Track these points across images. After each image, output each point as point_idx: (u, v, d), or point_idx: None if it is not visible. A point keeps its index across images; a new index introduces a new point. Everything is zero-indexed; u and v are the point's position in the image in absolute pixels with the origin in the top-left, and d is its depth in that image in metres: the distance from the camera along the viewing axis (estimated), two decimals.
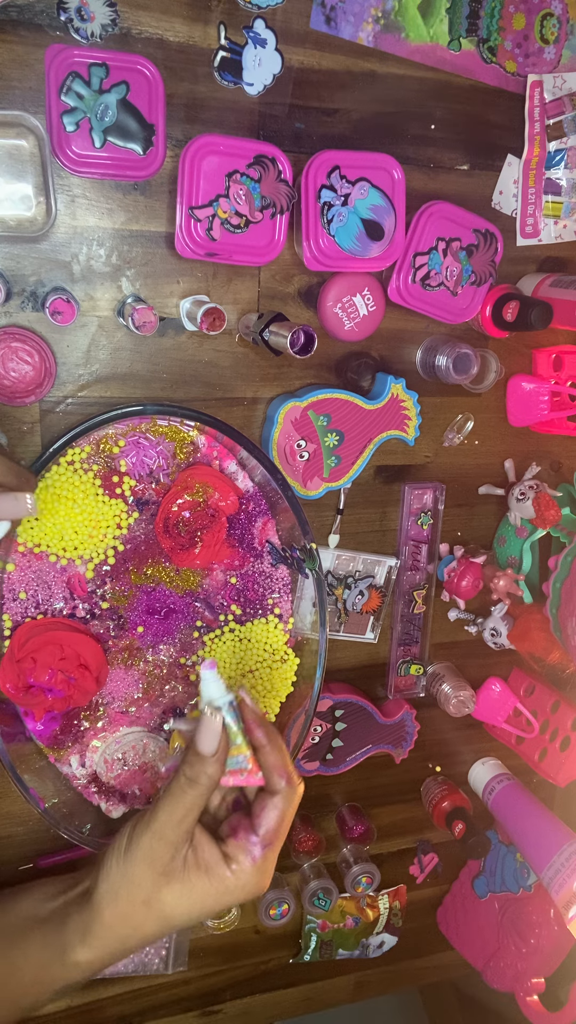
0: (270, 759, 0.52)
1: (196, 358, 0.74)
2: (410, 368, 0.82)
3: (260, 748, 0.52)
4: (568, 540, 0.84)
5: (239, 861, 0.50)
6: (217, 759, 0.50)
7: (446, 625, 0.92)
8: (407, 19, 0.72)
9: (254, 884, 0.51)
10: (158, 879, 0.49)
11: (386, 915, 1.02)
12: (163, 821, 0.49)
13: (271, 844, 0.51)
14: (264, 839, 0.51)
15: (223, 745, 0.50)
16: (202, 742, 0.49)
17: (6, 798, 0.78)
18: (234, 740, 0.51)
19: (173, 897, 0.50)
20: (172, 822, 0.49)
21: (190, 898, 0.50)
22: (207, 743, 0.49)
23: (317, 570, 0.73)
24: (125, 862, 0.50)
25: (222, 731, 0.50)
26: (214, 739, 0.49)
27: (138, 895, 0.49)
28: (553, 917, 0.95)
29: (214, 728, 0.50)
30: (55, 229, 0.67)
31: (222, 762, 0.50)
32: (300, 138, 0.72)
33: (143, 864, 0.49)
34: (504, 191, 0.80)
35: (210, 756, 0.49)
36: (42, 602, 0.71)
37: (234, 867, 0.50)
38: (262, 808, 0.52)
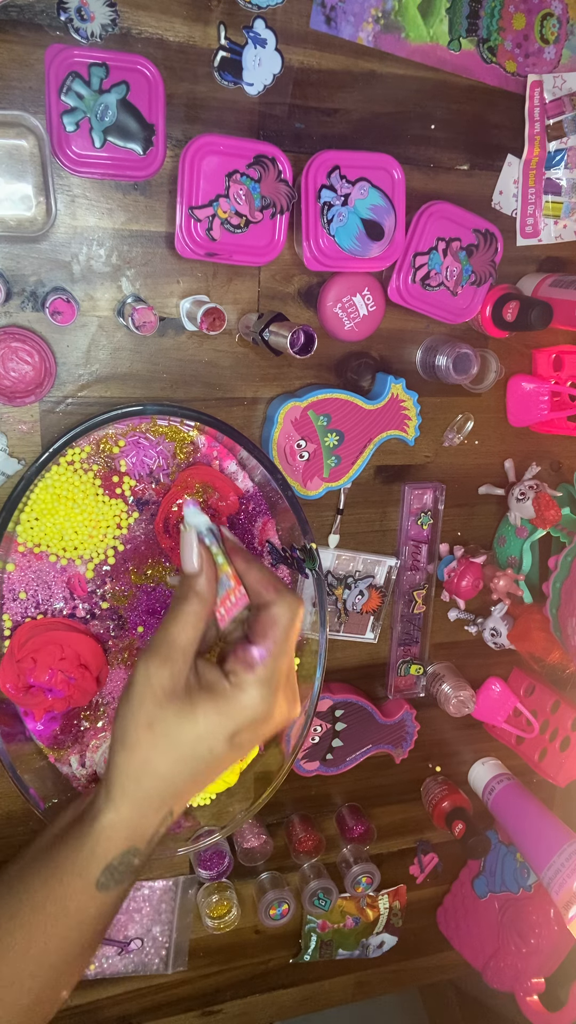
0: (253, 577, 0.51)
1: (196, 358, 0.74)
2: (410, 368, 0.82)
3: (243, 572, 0.51)
4: (568, 540, 0.84)
5: (236, 673, 0.49)
6: (204, 576, 0.50)
7: (446, 625, 0.92)
8: (407, 19, 0.72)
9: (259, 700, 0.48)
10: (158, 700, 0.47)
11: (386, 915, 1.02)
12: (158, 642, 0.48)
13: (270, 652, 0.49)
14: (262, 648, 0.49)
15: (207, 562, 0.50)
16: (185, 561, 0.50)
17: (6, 798, 0.78)
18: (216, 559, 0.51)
19: (175, 716, 0.47)
20: (166, 640, 0.48)
21: (193, 718, 0.47)
22: (188, 559, 0.50)
23: (317, 570, 0.73)
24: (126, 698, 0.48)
25: (201, 546, 0.50)
26: (192, 553, 0.50)
27: (141, 719, 0.48)
28: (553, 917, 0.95)
29: (190, 542, 0.50)
30: (55, 229, 0.67)
31: (211, 580, 0.50)
32: (300, 138, 0.72)
33: (140, 687, 0.48)
34: (504, 191, 0.80)
35: (194, 572, 0.50)
36: (42, 602, 0.71)
37: (232, 679, 0.48)
38: (256, 622, 0.51)
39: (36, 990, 0.50)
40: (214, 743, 0.48)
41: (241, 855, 0.88)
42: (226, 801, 0.80)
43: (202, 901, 0.89)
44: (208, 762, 0.49)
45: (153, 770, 0.49)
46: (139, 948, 0.91)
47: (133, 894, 0.88)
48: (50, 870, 0.50)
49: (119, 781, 0.49)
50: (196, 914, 0.91)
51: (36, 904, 0.50)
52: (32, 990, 0.50)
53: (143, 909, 0.89)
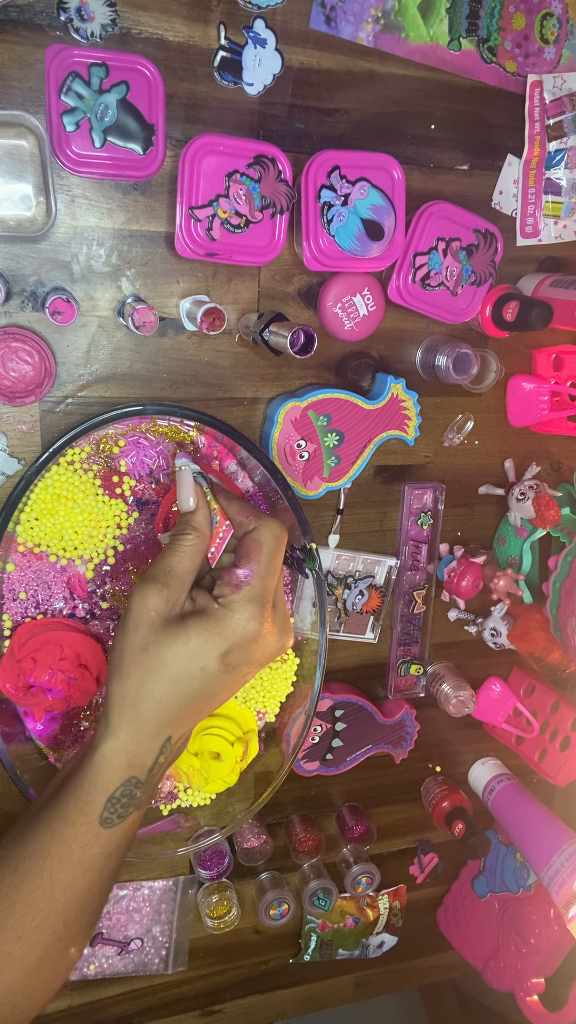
0: (235, 508, 0.55)
1: (196, 358, 0.74)
2: (410, 368, 0.82)
3: (225, 507, 0.56)
4: (568, 540, 0.84)
5: (224, 593, 0.50)
6: (202, 513, 0.54)
7: (446, 625, 0.92)
8: (407, 19, 0.72)
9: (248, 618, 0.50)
10: (152, 624, 0.49)
11: (386, 915, 1.02)
12: (154, 570, 0.50)
13: (255, 572, 0.51)
14: (244, 568, 0.51)
15: (202, 499, 0.54)
16: (182, 500, 0.54)
17: (6, 798, 0.78)
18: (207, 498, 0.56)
19: (168, 638, 0.48)
20: (162, 569, 0.50)
21: (186, 638, 0.49)
22: (185, 498, 0.54)
23: (317, 570, 0.73)
24: (122, 625, 0.50)
25: (196, 486, 0.55)
26: (190, 491, 0.54)
27: (136, 643, 0.49)
28: (553, 917, 0.95)
29: (188, 480, 0.54)
30: (55, 229, 0.67)
31: (206, 516, 0.54)
32: (300, 138, 0.72)
33: (136, 613, 0.49)
34: (504, 191, 0.80)
35: (191, 509, 0.54)
36: (42, 602, 0.71)
37: (221, 600, 0.50)
38: (241, 546, 0.54)
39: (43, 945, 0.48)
40: (206, 661, 0.49)
41: (241, 855, 0.88)
42: (226, 801, 0.80)
43: (202, 901, 0.89)
44: (202, 682, 0.49)
45: (148, 693, 0.49)
46: (139, 948, 0.91)
47: (133, 894, 0.88)
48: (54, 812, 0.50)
49: (116, 708, 0.49)
50: (196, 914, 0.91)
51: (41, 849, 0.49)
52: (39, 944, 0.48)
53: (143, 909, 0.89)
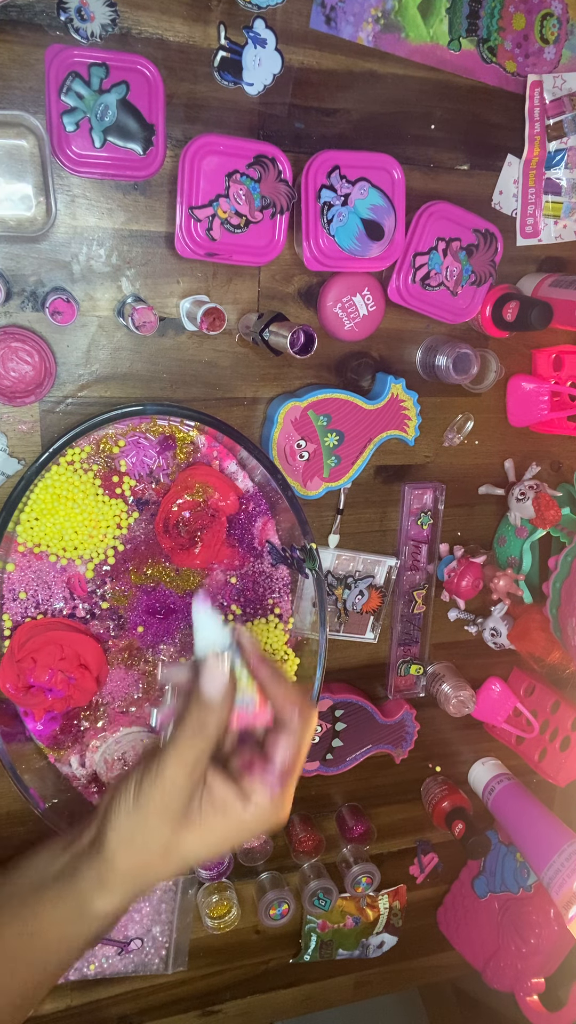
0: (277, 693, 0.49)
1: (196, 358, 0.74)
2: (410, 368, 0.82)
3: (265, 685, 0.49)
4: (568, 540, 0.84)
5: (253, 799, 0.48)
6: (225, 704, 0.47)
7: (446, 625, 0.92)
8: (407, 19, 0.72)
9: (272, 817, 0.49)
10: (176, 827, 0.47)
11: (386, 915, 1.02)
12: (174, 772, 0.47)
13: (289, 775, 0.49)
14: (281, 772, 0.49)
15: (230, 688, 0.48)
16: (209, 689, 0.47)
17: (6, 798, 0.78)
18: (239, 680, 0.48)
19: (192, 840, 0.48)
20: (183, 772, 0.47)
21: (209, 839, 0.48)
22: (215, 689, 0.47)
23: (317, 570, 0.73)
24: (136, 813, 0.48)
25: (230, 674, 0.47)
26: (222, 684, 0.47)
27: (156, 845, 0.48)
28: (553, 917, 0.95)
29: (222, 673, 0.47)
30: (55, 229, 0.67)
31: (229, 706, 0.48)
32: (300, 138, 0.72)
33: (157, 816, 0.47)
34: (504, 191, 0.80)
35: (217, 702, 0.47)
36: (42, 602, 0.71)
37: (251, 804, 0.48)
38: (276, 741, 0.49)
39: None
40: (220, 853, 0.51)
41: (241, 855, 0.88)
42: None
43: (202, 901, 0.89)
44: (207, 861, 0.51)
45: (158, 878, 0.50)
46: (139, 948, 0.91)
47: None
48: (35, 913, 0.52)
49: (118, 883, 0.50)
50: (196, 914, 0.91)
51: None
52: None
53: (143, 909, 0.89)
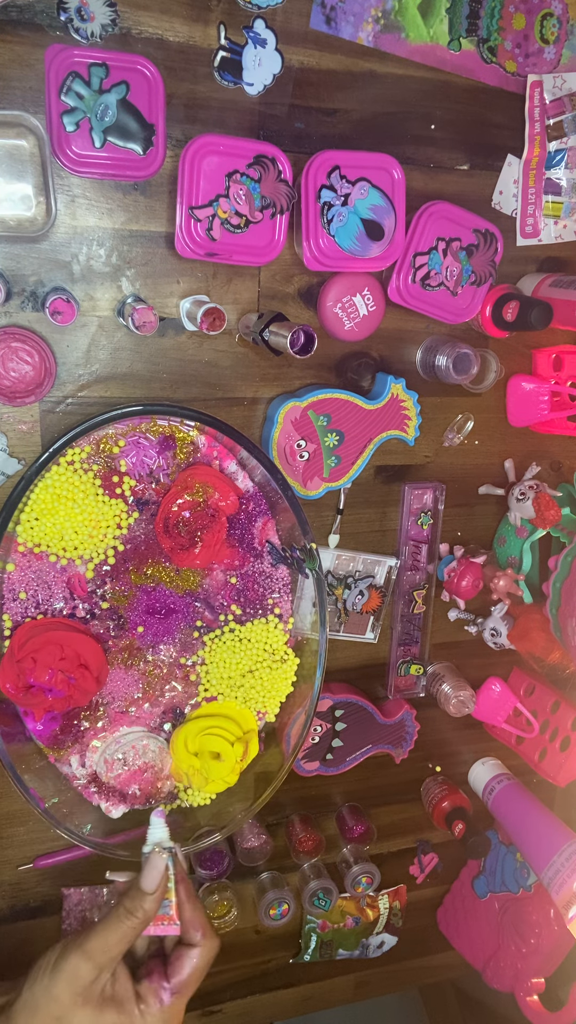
0: (189, 913, 0.56)
1: (196, 358, 0.74)
2: (410, 368, 0.82)
3: (181, 903, 0.56)
4: (568, 540, 0.84)
5: (148, 1003, 0.53)
6: (155, 897, 0.54)
7: (446, 625, 0.92)
8: (407, 19, 0.72)
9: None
10: (75, 999, 0.51)
11: (386, 915, 1.02)
12: (95, 944, 0.52)
13: (180, 992, 0.54)
14: (174, 987, 0.54)
15: (163, 886, 0.55)
16: (147, 879, 0.54)
17: (6, 798, 0.78)
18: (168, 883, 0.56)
19: (83, 1020, 0.51)
20: (102, 947, 0.52)
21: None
22: (151, 881, 0.54)
23: (317, 570, 0.73)
24: (50, 977, 0.51)
25: (165, 872, 0.55)
26: (158, 877, 0.54)
27: (54, 1010, 0.51)
28: (553, 917, 0.95)
29: (159, 867, 0.55)
30: (55, 229, 0.67)
31: (159, 901, 0.55)
32: (300, 138, 0.72)
33: (65, 982, 0.51)
34: (504, 191, 0.80)
35: (151, 893, 0.54)
36: (42, 602, 0.71)
37: (142, 1007, 0.53)
38: (178, 957, 0.55)
39: None
40: None
41: (241, 855, 0.88)
42: (226, 801, 0.80)
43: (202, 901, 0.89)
44: None
45: None
46: None
47: None
48: None
49: None
50: None
51: None
52: None
53: None
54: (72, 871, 0.83)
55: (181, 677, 0.77)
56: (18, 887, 0.82)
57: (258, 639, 0.77)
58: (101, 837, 0.74)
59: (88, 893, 0.84)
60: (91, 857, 0.82)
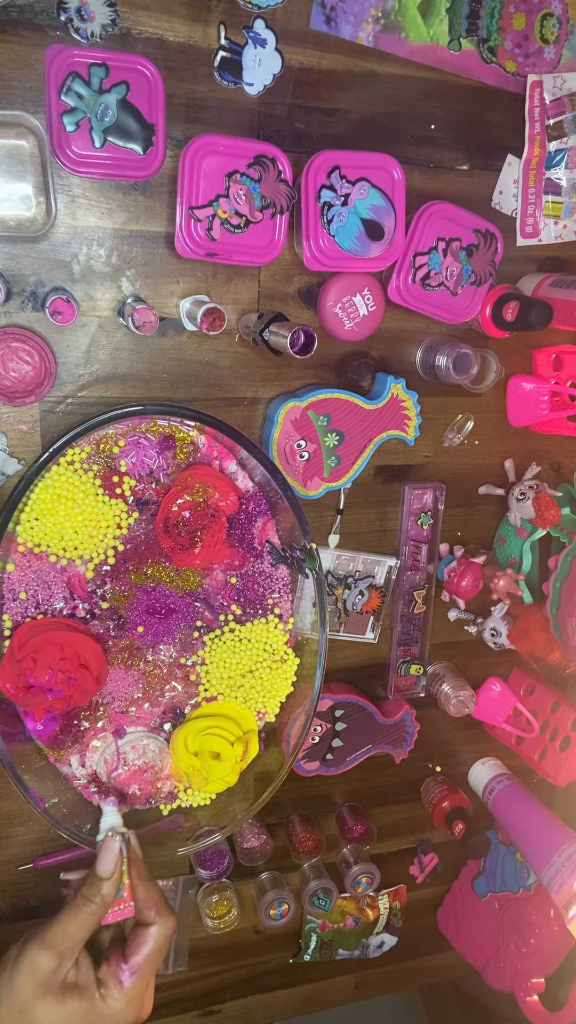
0: (143, 893, 0.57)
1: (196, 358, 0.74)
2: (410, 368, 0.82)
3: (135, 884, 0.57)
4: (568, 540, 0.84)
5: (108, 986, 0.53)
6: (112, 882, 0.55)
7: (446, 625, 0.92)
8: (407, 19, 0.72)
9: (126, 1010, 0.54)
10: (36, 989, 0.51)
11: (386, 915, 1.02)
12: (53, 934, 0.52)
13: (139, 971, 0.55)
14: (132, 966, 0.54)
15: (118, 869, 0.56)
16: (102, 864, 0.56)
17: (6, 798, 0.78)
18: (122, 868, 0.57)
19: (46, 1010, 0.51)
20: (61, 935, 0.52)
21: (62, 1015, 0.52)
22: (106, 865, 0.56)
23: (317, 570, 0.73)
24: (10, 971, 0.52)
25: (119, 857, 0.56)
26: (112, 862, 0.56)
27: (16, 1003, 0.51)
28: (553, 917, 0.95)
29: (113, 851, 0.56)
30: (55, 229, 0.67)
31: (116, 886, 0.55)
32: (300, 138, 0.72)
33: (25, 974, 0.51)
34: (504, 191, 0.80)
35: (107, 878, 0.55)
36: (42, 602, 0.71)
37: (103, 991, 0.53)
38: (134, 938, 0.56)
39: None
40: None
41: (241, 855, 0.88)
42: (226, 801, 0.80)
43: (202, 901, 0.89)
44: None
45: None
46: None
47: None
48: None
49: None
50: (196, 914, 0.91)
51: None
52: None
53: None
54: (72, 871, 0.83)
55: (181, 677, 0.77)
56: (18, 887, 0.82)
57: (258, 639, 0.77)
58: None
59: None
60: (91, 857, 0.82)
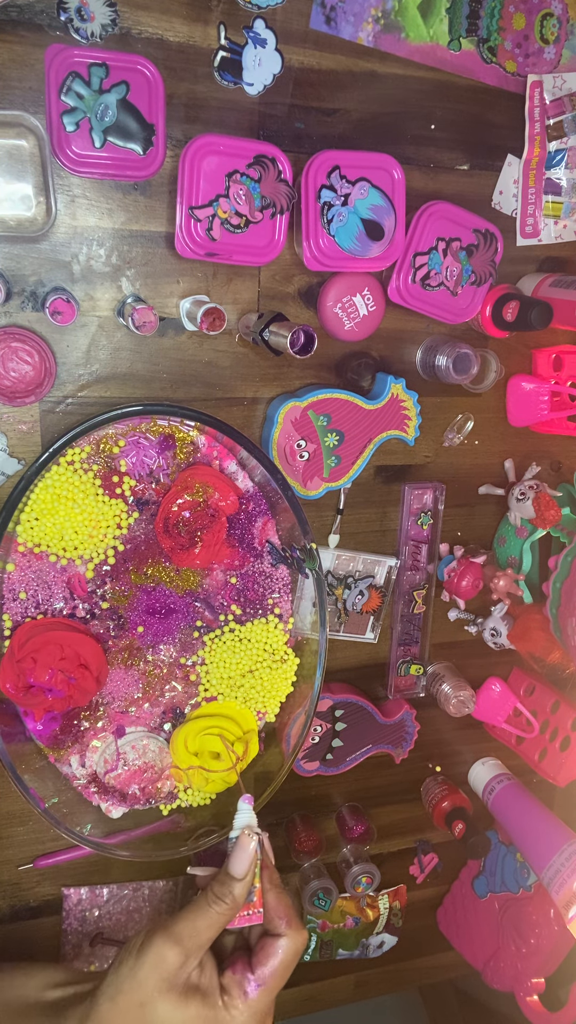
0: (274, 901, 0.54)
1: (196, 358, 0.74)
2: (410, 368, 0.82)
3: (267, 890, 0.54)
4: (568, 540, 0.84)
5: (232, 995, 0.51)
6: (245, 883, 0.53)
7: (446, 625, 0.92)
8: (407, 19, 0.72)
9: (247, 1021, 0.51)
10: (159, 984, 0.50)
11: (386, 915, 1.02)
12: (181, 928, 0.51)
13: (266, 985, 0.52)
14: (259, 979, 0.52)
15: (251, 871, 0.53)
16: (236, 864, 0.53)
17: (6, 798, 0.78)
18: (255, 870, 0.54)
19: (166, 1009, 0.50)
20: (190, 932, 0.50)
21: (182, 1016, 0.50)
22: (241, 865, 0.53)
23: (317, 570, 0.73)
24: (135, 961, 0.50)
25: (254, 856, 0.53)
26: (248, 861, 0.53)
27: (137, 996, 0.50)
28: (553, 917, 0.95)
29: (249, 851, 0.53)
30: (55, 229, 0.67)
31: (248, 888, 0.53)
32: (300, 138, 0.72)
33: (150, 966, 0.50)
34: (504, 191, 0.80)
35: (240, 878, 0.53)
36: (42, 602, 0.71)
37: (226, 999, 0.51)
38: (262, 948, 0.53)
39: None
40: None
41: None
42: (226, 801, 0.80)
43: None
44: None
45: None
46: None
47: (133, 894, 0.88)
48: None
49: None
50: None
51: None
52: None
53: (143, 909, 0.89)
54: (72, 871, 0.83)
55: (181, 677, 0.77)
56: (18, 887, 0.82)
57: (258, 639, 0.77)
58: (101, 837, 0.74)
59: (88, 893, 0.84)
60: (91, 857, 0.82)
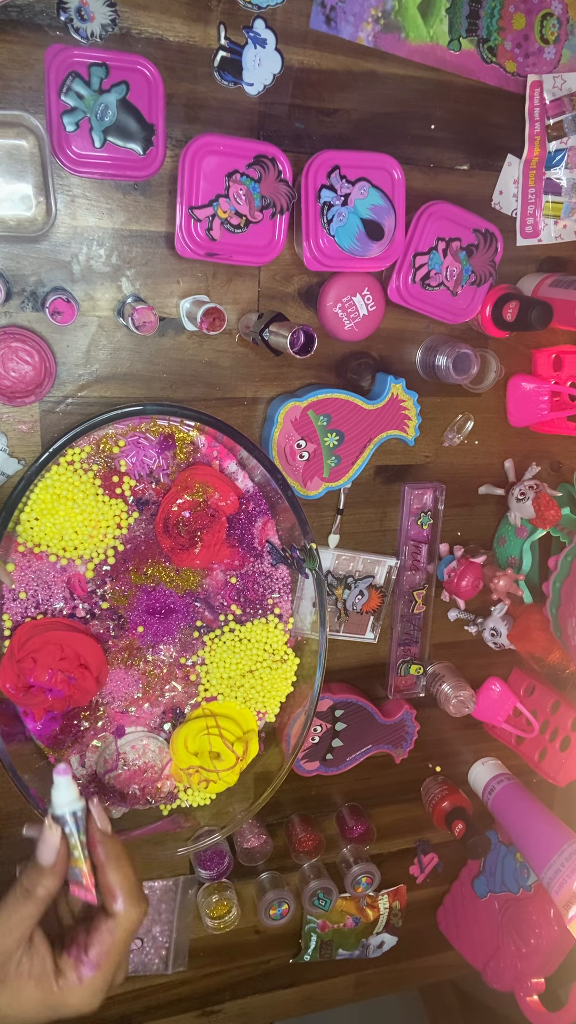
0: (107, 878, 0.51)
1: (196, 358, 0.74)
2: (410, 368, 0.82)
3: (99, 866, 0.51)
4: (568, 540, 0.84)
5: (67, 977, 0.50)
6: (55, 871, 0.50)
7: (446, 625, 0.92)
8: (407, 19, 0.72)
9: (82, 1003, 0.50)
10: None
11: (386, 915, 1.02)
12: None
13: (100, 966, 0.51)
14: (93, 960, 0.50)
15: (63, 857, 0.50)
16: (40, 853, 0.50)
17: (6, 798, 0.78)
18: (72, 851, 0.51)
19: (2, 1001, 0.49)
20: (4, 930, 0.49)
21: (18, 1003, 0.49)
22: (45, 855, 0.50)
23: (317, 570, 0.73)
24: None
25: (61, 844, 0.50)
26: (51, 851, 0.50)
27: None
28: (553, 917, 0.95)
29: (52, 841, 0.50)
30: (55, 229, 0.67)
31: (61, 875, 0.50)
32: (300, 138, 0.72)
33: None
34: (504, 191, 0.80)
35: (48, 867, 0.50)
36: (42, 602, 0.71)
37: (61, 982, 0.50)
38: (96, 928, 0.51)
39: None
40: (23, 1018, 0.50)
41: (241, 855, 0.88)
42: (226, 801, 0.80)
43: (202, 901, 0.89)
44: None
45: None
46: (139, 948, 0.91)
47: None
48: None
49: None
50: (196, 914, 0.91)
51: None
52: None
53: None
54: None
55: (181, 677, 0.77)
56: None
57: (258, 639, 0.77)
58: None
59: None
60: None
